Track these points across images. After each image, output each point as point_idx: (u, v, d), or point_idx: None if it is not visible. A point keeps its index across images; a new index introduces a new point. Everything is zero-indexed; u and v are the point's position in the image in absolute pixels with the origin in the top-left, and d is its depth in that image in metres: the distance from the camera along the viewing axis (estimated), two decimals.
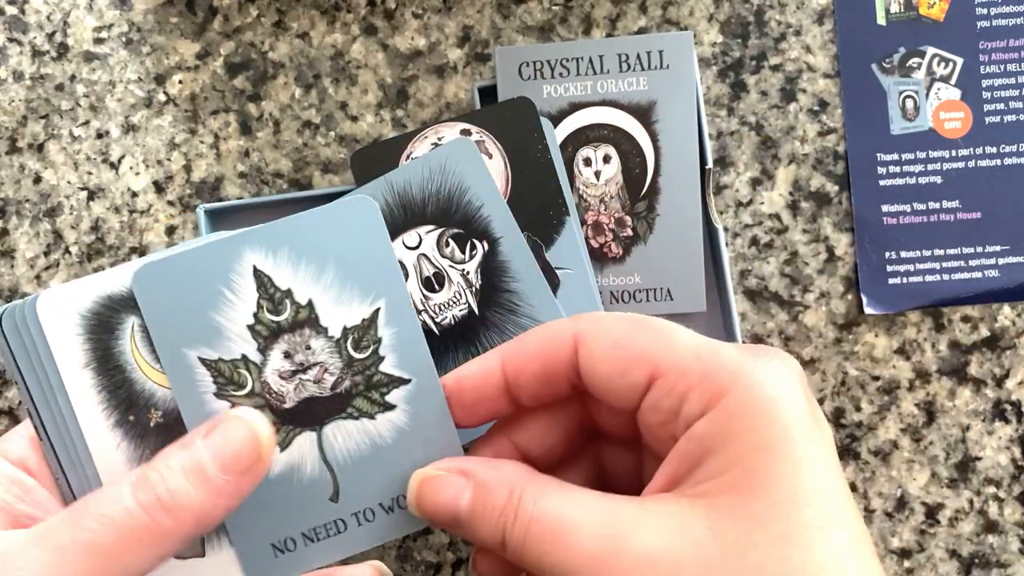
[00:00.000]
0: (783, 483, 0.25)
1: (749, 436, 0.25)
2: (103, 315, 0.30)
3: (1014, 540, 0.43)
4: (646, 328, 0.28)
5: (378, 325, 0.32)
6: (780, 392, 0.26)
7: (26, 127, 0.44)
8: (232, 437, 0.28)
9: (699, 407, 0.26)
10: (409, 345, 0.31)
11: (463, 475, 0.29)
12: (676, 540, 0.25)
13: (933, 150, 0.44)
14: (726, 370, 0.26)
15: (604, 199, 0.42)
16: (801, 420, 0.26)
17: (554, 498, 0.27)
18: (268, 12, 0.45)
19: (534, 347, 0.29)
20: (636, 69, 0.42)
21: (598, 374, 0.28)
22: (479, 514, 0.28)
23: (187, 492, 0.27)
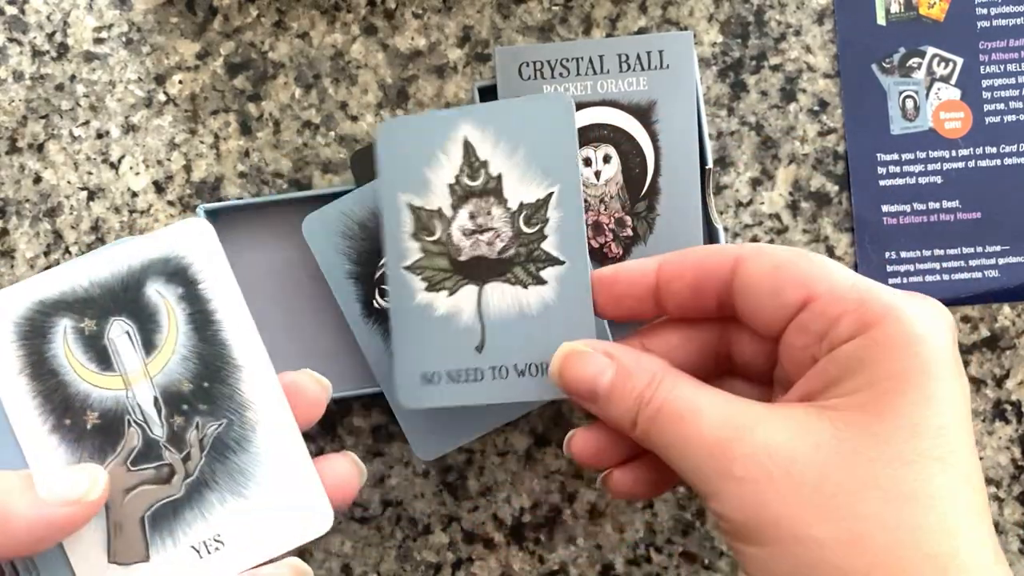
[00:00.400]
0: (911, 412, 0.26)
1: (889, 364, 0.27)
2: (35, 320, 0.31)
3: (1014, 540, 0.43)
4: (808, 257, 0.30)
5: (549, 207, 0.36)
6: (929, 332, 0.27)
7: (26, 127, 0.45)
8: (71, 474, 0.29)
9: (848, 332, 0.27)
10: (570, 231, 0.35)
11: (608, 356, 0.31)
12: (797, 438, 0.26)
13: (933, 150, 0.44)
14: (881, 302, 0.28)
15: (604, 199, 0.42)
16: (942, 361, 0.27)
17: (689, 388, 0.29)
18: (268, 12, 0.45)
19: (694, 257, 0.31)
20: (636, 69, 0.42)
21: (754, 291, 0.30)
22: (617, 393, 0.30)
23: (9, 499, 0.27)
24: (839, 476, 0.26)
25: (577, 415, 0.44)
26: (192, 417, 0.32)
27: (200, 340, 0.32)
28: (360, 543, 0.44)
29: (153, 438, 0.32)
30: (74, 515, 0.28)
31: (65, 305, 0.31)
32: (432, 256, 0.37)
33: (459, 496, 0.44)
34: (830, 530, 0.25)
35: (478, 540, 0.44)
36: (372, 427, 0.44)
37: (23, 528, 0.27)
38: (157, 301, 0.32)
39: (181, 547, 0.31)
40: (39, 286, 0.31)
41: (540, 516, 0.44)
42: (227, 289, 0.32)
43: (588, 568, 0.43)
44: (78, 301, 0.31)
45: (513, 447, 0.44)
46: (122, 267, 0.32)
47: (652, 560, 0.43)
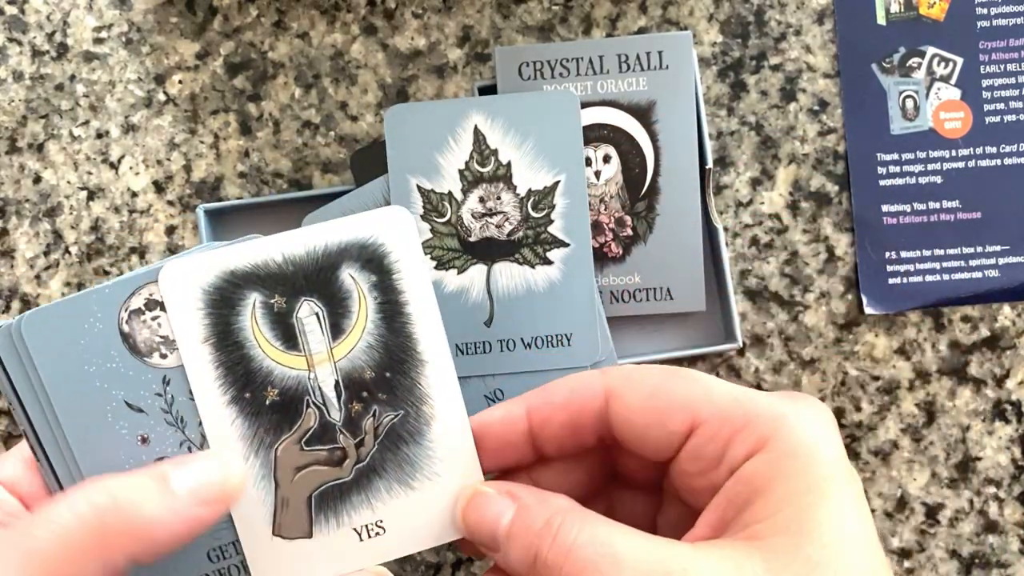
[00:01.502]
0: (832, 526, 0.26)
1: (798, 478, 0.26)
2: (225, 291, 0.31)
3: (1014, 540, 0.43)
4: (681, 377, 0.28)
5: (556, 193, 0.39)
6: (820, 438, 0.27)
7: (26, 127, 0.44)
8: (204, 468, 0.28)
9: (745, 450, 0.27)
10: (575, 216, 0.38)
11: (510, 496, 0.29)
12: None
13: (933, 150, 0.44)
14: (767, 414, 0.27)
15: (604, 199, 0.42)
16: (841, 466, 0.27)
17: (600, 529, 0.26)
18: (268, 12, 0.45)
19: (561, 398, 0.29)
20: (636, 69, 0.42)
21: (634, 425, 0.28)
22: (515, 534, 0.27)
23: (147, 504, 0.26)
24: None
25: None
26: (370, 405, 0.31)
27: (388, 331, 0.31)
28: None
29: (330, 421, 0.31)
30: (214, 512, 0.28)
31: (257, 279, 0.31)
32: (442, 236, 0.39)
33: None
34: None
35: None
36: None
37: (167, 537, 0.26)
38: (350, 286, 0.31)
39: (343, 528, 0.32)
40: (232, 257, 0.31)
41: None
42: (420, 282, 0.31)
43: None
44: (270, 277, 0.31)
45: None
46: (318, 247, 0.31)
47: None
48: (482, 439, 0.30)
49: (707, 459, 0.28)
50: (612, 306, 0.42)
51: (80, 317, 0.29)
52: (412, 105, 0.40)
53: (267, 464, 0.31)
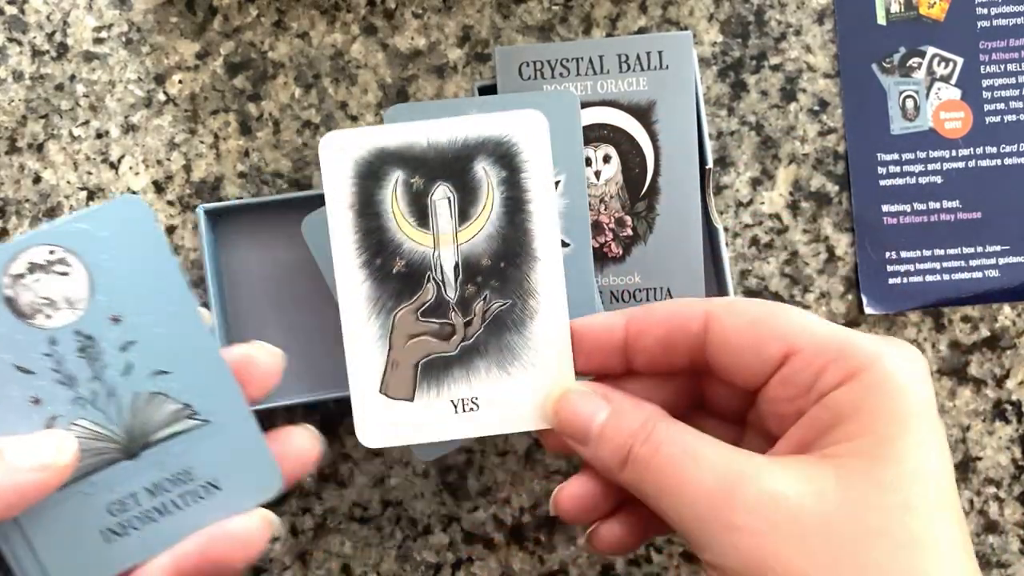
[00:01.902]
0: (911, 457, 0.26)
1: (884, 410, 0.27)
2: (373, 164, 0.34)
3: (1014, 540, 0.43)
4: (783, 310, 0.29)
5: (556, 193, 0.37)
6: (913, 378, 0.27)
7: (26, 127, 0.44)
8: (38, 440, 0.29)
9: (836, 379, 0.27)
10: (576, 216, 0.37)
11: (604, 397, 0.30)
12: (801, 487, 0.26)
13: (933, 150, 0.44)
14: (864, 351, 0.28)
15: (604, 199, 0.42)
16: (929, 407, 0.27)
17: (687, 435, 0.28)
18: (268, 12, 0.45)
19: (661, 314, 0.31)
20: (636, 69, 0.42)
21: (731, 349, 0.29)
22: (609, 434, 0.29)
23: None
24: (846, 525, 0.26)
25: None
26: (483, 289, 0.34)
27: (509, 224, 0.34)
28: (360, 543, 0.44)
29: (445, 298, 0.34)
30: (45, 480, 0.28)
31: (402, 159, 0.34)
32: None
33: (459, 496, 0.44)
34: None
35: (478, 540, 0.44)
36: None
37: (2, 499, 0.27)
38: (481, 177, 0.34)
39: (442, 398, 0.34)
40: (384, 135, 0.34)
41: (540, 516, 0.44)
42: (544, 184, 0.34)
43: (588, 568, 0.43)
44: (414, 158, 0.34)
45: (513, 447, 0.44)
46: (460, 137, 0.34)
47: (652, 560, 0.43)
48: (580, 340, 0.32)
49: (798, 386, 0.28)
50: (612, 306, 0.42)
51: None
52: (412, 105, 0.40)
53: (385, 327, 0.34)
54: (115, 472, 0.31)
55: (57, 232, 0.30)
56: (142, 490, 0.31)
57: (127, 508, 0.31)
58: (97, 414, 0.30)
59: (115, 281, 0.30)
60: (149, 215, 0.31)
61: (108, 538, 0.31)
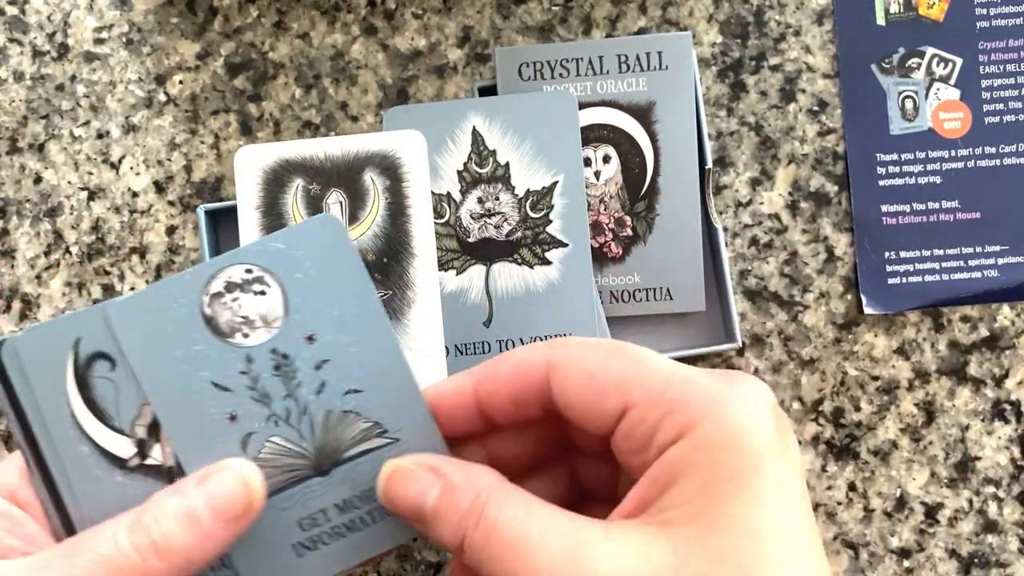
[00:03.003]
0: (747, 516, 0.25)
1: (717, 466, 0.26)
2: (278, 173, 0.39)
3: (1013, 540, 0.43)
4: (620, 357, 0.28)
5: (554, 194, 0.40)
6: (750, 422, 0.26)
7: (26, 127, 0.45)
8: (225, 486, 0.28)
9: (672, 434, 0.27)
10: (573, 216, 0.39)
11: (433, 472, 0.29)
12: (637, 565, 0.25)
13: (932, 150, 0.44)
14: (698, 399, 0.27)
15: (604, 199, 0.42)
16: (769, 451, 0.26)
17: (520, 510, 0.27)
18: (268, 12, 0.45)
19: (505, 374, 0.30)
20: (636, 70, 0.42)
21: (572, 403, 0.29)
22: (443, 513, 0.28)
23: (179, 536, 0.27)
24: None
25: None
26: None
27: (392, 225, 0.39)
28: None
29: None
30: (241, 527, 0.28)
31: (302, 168, 0.39)
32: (441, 237, 0.40)
33: None
34: None
35: None
36: None
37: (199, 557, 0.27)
38: (369, 185, 0.39)
39: None
40: (287, 149, 0.39)
41: None
42: (422, 192, 0.39)
43: None
44: (312, 168, 0.39)
45: None
46: (351, 151, 0.39)
47: None
48: (436, 408, 0.31)
49: (637, 440, 0.28)
50: (612, 306, 0.42)
51: (164, 304, 0.30)
52: (410, 107, 0.40)
53: None
54: (307, 488, 0.31)
55: (254, 252, 0.30)
56: (332, 506, 0.31)
57: (317, 523, 0.31)
58: (290, 431, 0.31)
59: (310, 300, 0.31)
60: (343, 234, 0.31)
61: (299, 552, 0.31)
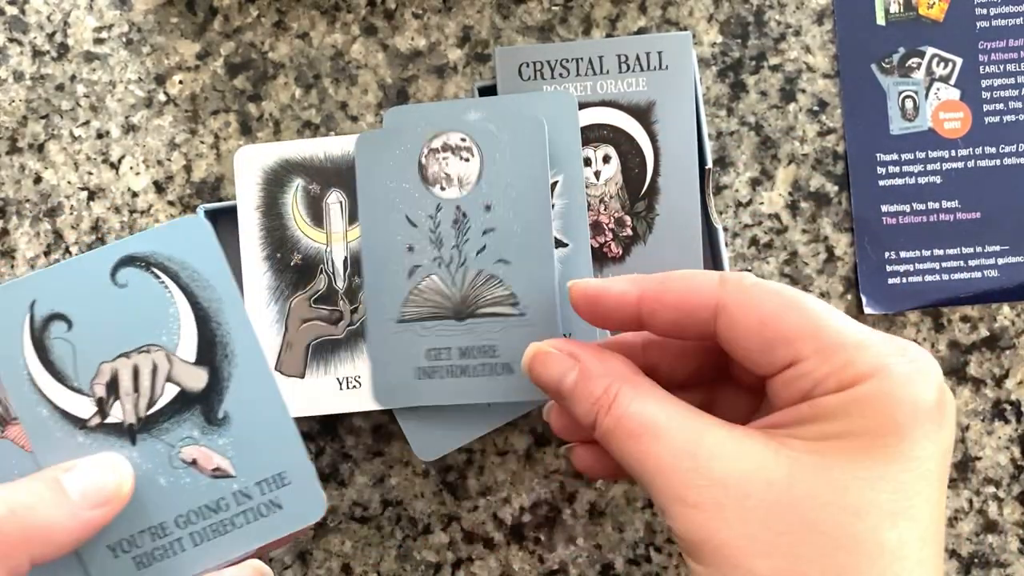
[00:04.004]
0: (872, 466, 0.26)
1: (863, 421, 0.27)
2: (278, 172, 0.40)
3: (1013, 540, 0.43)
4: (795, 308, 0.29)
5: (554, 194, 0.39)
6: (911, 392, 0.27)
7: (26, 127, 0.45)
8: (96, 472, 0.29)
9: (832, 387, 0.27)
10: (574, 216, 0.39)
11: (572, 357, 0.31)
12: (751, 474, 0.27)
13: (932, 150, 0.44)
14: (867, 363, 0.27)
15: (604, 199, 0.42)
16: (920, 422, 0.27)
17: (649, 402, 0.29)
18: (268, 12, 0.45)
19: (673, 297, 0.30)
20: (635, 70, 0.42)
21: (739, 345, 0.29)
22: (578, 395, 0.31)
23: (42, 509, 0.27)
24: (788, 517, 0.26)
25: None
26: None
27: None
28: (360, 543, 0.44)
29: (335, 288, 0.40)
30: (109, 513, 0.29)
31: (302, 168, 0.40)
32: None
33: (459, 496, 0.44)
34: (771, 565, 0.26)
35: (478, 540, 0.44)
36: (372, 427, 0.44)
37: (66, 538, 0.28)
38: None
39: (329, 376, 0.39)
40: (287, 149, 0.40)
41: (540, 516, 0.44)
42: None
43: (588, 568, 0.43)
44: (312, 168, 0.40)
45: (513, 447, 0.44)
46: (351, 151, 0.39)
47: (652, 560, 0.43)
48: (595, 304, 0.32)
49: (797, 389, 0.28)
50: None
51: (396, 145, 0.38)
52: (411, 107, 0.40)
53: (282, 312, 0.39)
54: (442, 326, 0.37)
55: (473, 125, 0.38)
56: (455, 348, 0.37)
57: (440, 357, 0.37)
58: (447, 275, 0.37)
59: (499, 177, 0.37)
60: (543, 130, 0.37)
61: (419, 375, 0.37)
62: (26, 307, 0.30)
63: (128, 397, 0.31)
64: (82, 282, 0.31)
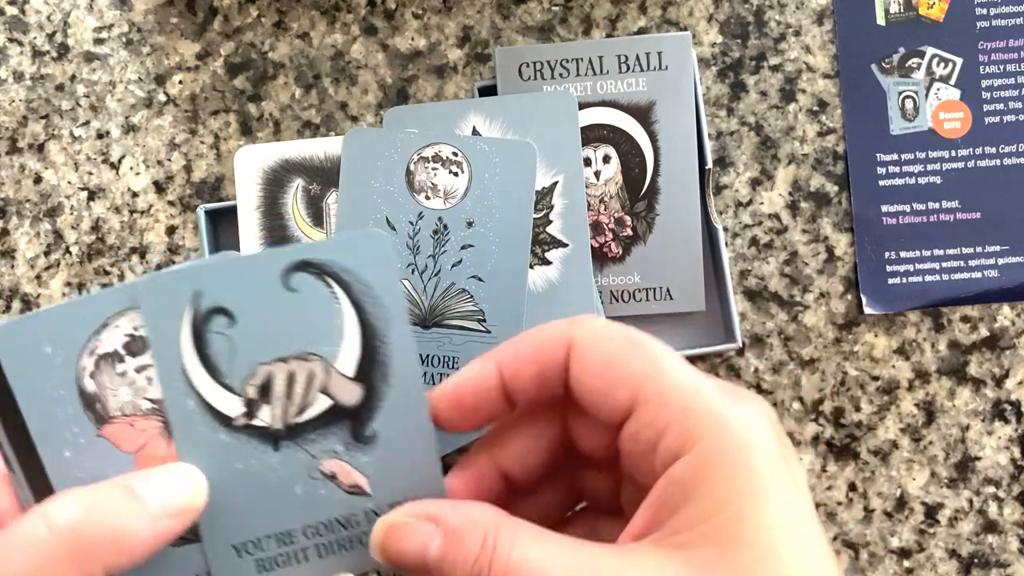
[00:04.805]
0: (762, 536, 0.25)
1: (728, 485, 0.26)
2: (278, 172, 0.40)
3: (1013, 540, 0.43)
4: (639, 351, 0.28)
5: (554, 194, 0.40)
6: (754, 439, 0.26)
7: (26, 127, 0.45)
8: (172, 481, 0.28)
9: (676, 445, 0.26)
10: (574, 216, 0.39)
11: (431, 521, 0.28)
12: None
13: (932, 150, 0.44)
14: (704, 412, 0.26)
15: (604, 199, 0.42)
16: (777, 470, 0.26)
17: (531, 546, 0.26)
18: (268, 12, 0.45)
19: (529, 352, 0.29)
20: (635, 70, 0.42)
21: (586, 387, 0.28)
22: (450, 563, 0.27)
23: (120, 517, 0.27)
24: None
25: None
26: None
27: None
28: None
29: None
30: (183, 524, 0.28)
31: (303, 168, 0.40)
32: None
33: None
34: None
35: None
36: None
37: (140, 548, 0.27)
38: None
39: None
40: (287, 149, 0.40)
41: None
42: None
43: None
44: (312, 168, 0.40)
45: None
46: None
47: None
48: (460, 400, 0.30)
49: (643, 443, 0.27)
50: (612, 306, 0.42)
51: (380, 149, 0.39)
52: (412, 107, 0.40)
53: None
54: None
55: (465, 142, 0.38)
56: (421, 355, 0.37)
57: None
58: (419, 283, 0.38)
59: (484, 197, 0.37)
60: (535, 157, 0.38)
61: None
62: (191, 296, 0.29)
63: (279, 402, 0.30)
64: (252, 280, 0.30)
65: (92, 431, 0.29)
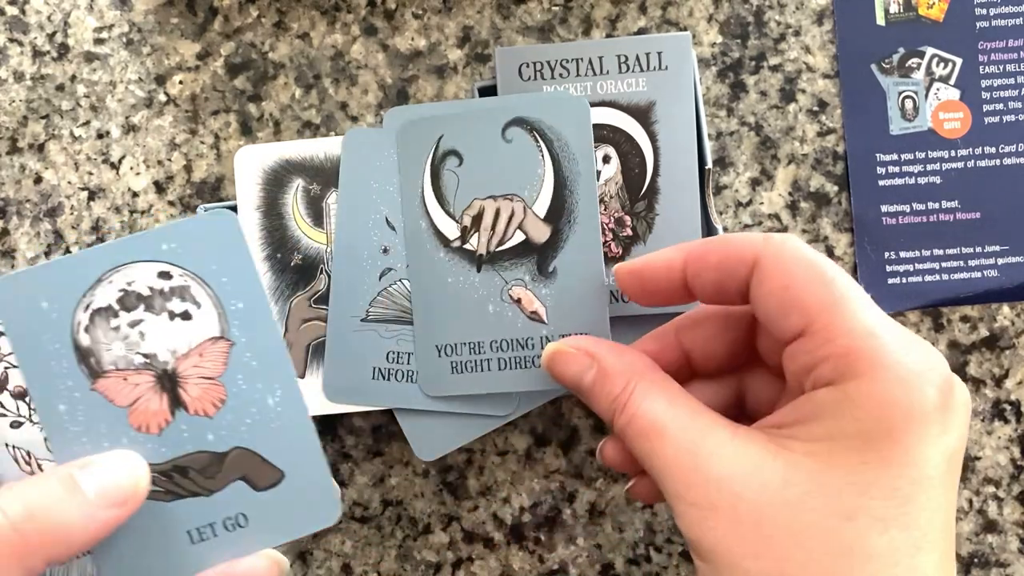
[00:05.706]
0: (865, 472, 0.26)
1: (857, 424, 0.27)
2: (278, 172, 0.40)
3: (1013, 540, 0.43)
4: (820, 282, 0.29)
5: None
6: (909, 397, 0.27)
7: (27, 127, 0.45)
8: (112, 470, 0.29)
9: (828, 377, 0.28)
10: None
11: (590, 356, 0.33)
12: (747, 476, 0.28)
13: (932, 150, 0.44)
14: (867, 358, 0.27)
15: (603, 199, 0.42)
16: (917, 425, 0.27)
17: (660, 401, 0.30)
18: (268, 12, 0.45)
19: (716, 256, 0.31)
20: (635, 70, 0.42)
21: (762, 305, 0.30)
22: (597, 394, 0.32)
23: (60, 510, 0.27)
24: (779, 520, 0.27)
25: (576, 414, 0.44)
26: None
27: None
28: (360, 542, 0.44)
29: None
30: (125, 512, 0.28)
31: (303, 168, 0.40)
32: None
33: (459, 496, 0.44)
34: (760, 567, 0.26)
35: (478, 540, 0.44)
36: (372, 427, 0.44)
37: (82, 538, 0.27)
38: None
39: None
40: (287, 148, 0.40)
41: (540, 516, 0.44)
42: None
43: (588, 568, 0.43)
44: (313, 168, 0.40)
45: (513, 447, 0.44)
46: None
47: (652, 560, 0.43)
48: (640, 278, 0.34)
49: (799, 364, 0.29)
50: (612, 306, 0.42)
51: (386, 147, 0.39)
52: (416, 107, 0.40)
53: (283, 312, 0.39)
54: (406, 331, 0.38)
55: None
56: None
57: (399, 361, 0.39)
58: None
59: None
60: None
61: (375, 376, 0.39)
62: (435, 140, 0.38)
63: (485, 232, 0.37)
64: (478, 129, 0.37)
65: (86, 385, 0.30)
